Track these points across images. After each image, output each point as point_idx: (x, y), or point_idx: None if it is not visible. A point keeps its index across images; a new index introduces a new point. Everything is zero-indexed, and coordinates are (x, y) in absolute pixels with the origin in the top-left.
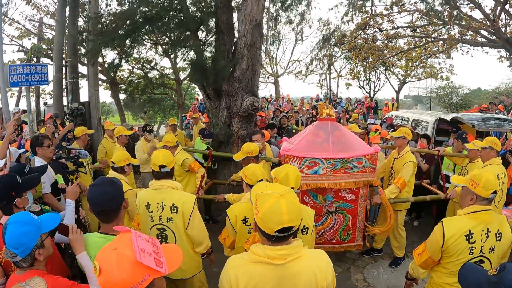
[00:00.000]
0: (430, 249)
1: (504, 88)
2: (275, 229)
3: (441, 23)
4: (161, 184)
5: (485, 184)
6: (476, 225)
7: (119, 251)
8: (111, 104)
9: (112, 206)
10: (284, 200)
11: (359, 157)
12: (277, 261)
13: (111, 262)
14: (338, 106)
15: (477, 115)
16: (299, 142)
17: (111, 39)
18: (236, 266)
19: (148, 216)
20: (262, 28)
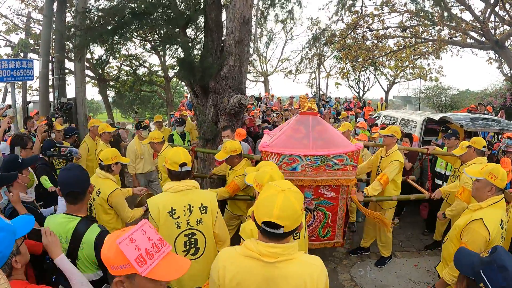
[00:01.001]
0: (476, 247)
1: (492, 89)
2: (262, 220)
3: (431, 24)
4: (186, 184)
5: (503, 177)
6: (502, 213)
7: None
8: (99, 102)
9: (79, 189)
10: (282, 196)
11: (340, 154)
12: (267, 259)
13: (111, 237)
14: (327, 106)
15: (466, 115)
16: (278, 137)
17: (98, 35)
18: (226, 257)
19: (174, 224)
20: (250, 25)
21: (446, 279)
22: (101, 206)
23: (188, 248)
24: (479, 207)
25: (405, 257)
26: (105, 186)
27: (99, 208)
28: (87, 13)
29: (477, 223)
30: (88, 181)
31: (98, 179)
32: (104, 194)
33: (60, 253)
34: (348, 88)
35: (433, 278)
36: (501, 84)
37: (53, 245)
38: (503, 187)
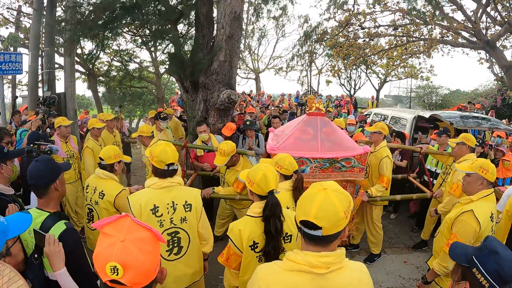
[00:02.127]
0: (466, 239)
1: (483, 90)
2: (300, 219)
3: (422, 23)
4: (170, 181)
5: (493, 170)
6: (492, 206)
7: (131, 238)
8: (90, 98)
9: (40, 182)
10: (322, 195)
11: (348, 157)
12: (318, 270)
13: (132, 252)
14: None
15: (455, 113)
16: (286, 139)
17: (88, 29)
18: (268, 275)
19: (156, 222)
20: (241, 20)
21: (436, 269)
22: (107, 210)
23: (171, 247)
24: (470, 201)
25: (395, 253)
26: (109, 187)
27: (103, 212)
28: (77, 7)
29: (467, 214)
30: (50, 176)
31: (99, 180)
32: (109, 196)
33: (62, 267)
34: (340, 86)
35: (423, 274)
36: (492, 85)
37: (56, 256)
38: (494, 181)
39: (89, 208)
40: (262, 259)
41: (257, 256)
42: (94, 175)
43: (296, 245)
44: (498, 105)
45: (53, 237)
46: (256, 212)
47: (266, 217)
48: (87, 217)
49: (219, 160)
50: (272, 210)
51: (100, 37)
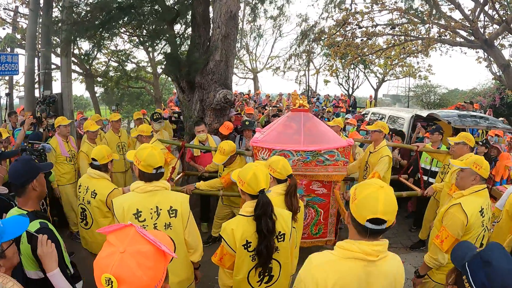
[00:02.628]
0: (454, 231)
1: (481, 88)
2: (368, 218)
3: (420, 22)
4: (154, 185)
5: (486, 167)
6: (483, 201)
7: (131, 251)
8: (88, 98)
9: (17, 182)
10: (383, 192)
11: (331, 150)
12: (371, 257)
13: (129, 266)
14: (317, 103)
15: (453, 112)
16: (269, 133)
17: (85, 30)
18: (324, 263)
19: None
20: (237, 20)
21: (427, 261)
22: (99, 209)
23: None
24: (461, 195)
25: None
26: (101, 186)
27: (96, 211)
28: (74, 8)
29: (455, 207)
30: (28, 176)
31: (91, 180)
32: (101, 195)
33: (56, 267)
34: (338, 86)
35: None
36: (490, 84)
37: (48, 257)
38: (487, 177)
39: (82, 207)
40: (255, 258)
41: (250, 255)
42: (86, 174)
43: (290, 244)
44: (497, 104)
45: (45, 238)
46: (248, 211)
47: (257, 216)
48: (80, 216)
49: (218, 159)
50: (263, 209)
51: (97, 37)
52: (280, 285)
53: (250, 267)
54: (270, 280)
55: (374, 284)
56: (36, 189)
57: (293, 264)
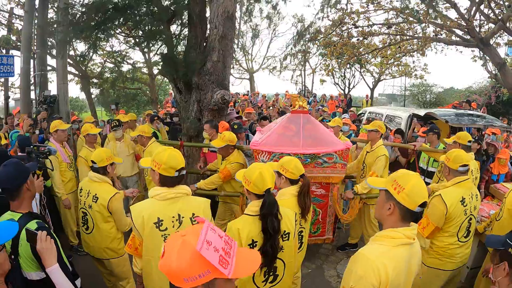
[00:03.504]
0: (435, 220)
1: (477, 87)
2: (420, 202)
3: (416, 21)
4: (176, 191)
5: (454, 159)
6: (464, 192)
7: (185, 238)
8: (84, 100)
9: (12, 185)
10: (420, 178)
11: (329, 153)
12: (411, 240)
13: (174, 247)
14: (312, 102)
15: (450, 111)
16: (269, 135)
17: (80, 31)
18: (380, 255)
19: (160, 236)
20: (234, 20)
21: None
22: (100, 213)
23: None
24: (444, 186)
25: None
26: (102, 190)
27: (97, 216)
28: (69, 9)
29: (436, 198)
30: (20, 178)
31: (92, 183)
32: (103, 200)
33: (55, 263)
34: (334, 85)
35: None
36: (486, 82)
37: (48, 252)
38: (455, 168)
39: (83, 211)
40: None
41: None
42: (87, 178)
43: (294, 244)
44: (492, 102)
45: (45, 234)
46: (253, 210)
47: (263, 215)
48: (82, 220)
49: (217, 142)
50: (269, 209)
51: (92, 38)
52: (284, 284)
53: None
54: (275, 280)
55: (413, 263)
56: (30, 189)
57: (298, 262)
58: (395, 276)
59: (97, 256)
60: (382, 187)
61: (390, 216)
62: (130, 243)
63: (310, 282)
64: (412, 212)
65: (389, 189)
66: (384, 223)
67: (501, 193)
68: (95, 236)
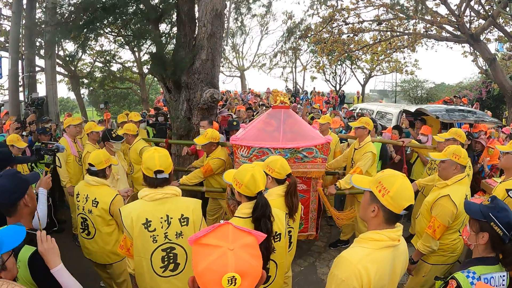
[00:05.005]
0: (444, 220)
1: (467, 82)
2: (405, 206)
3: (406, 18)
4: (164, 192)
5: (465, 155)
6: (466, 189)
7: (239, 246)
8: (75, 100)
9: (6, 200)
10: (407, 180)
11: (309, 147)
12: (396, 242)
13: (245, 259)
14: (305, 98)
15: (441, 107)
16: (248, 130)
17: (68, 31)
18: (363, 258)
19: (149, 237)
20: (223, 18)
21: (421, 249)
22: (101, 217)
23: (166, 264)
24: (445, 185)
25: None
26: (102, 194)
27: (98, 220)
28: (57, 8)
29: (444, 199)
30: (17, 193)
31: (90, 187)
32: (104, 203)
33: (59, 263)
34: (325, 82)
35: None
36: (476, 77)
37: (50, 253)
38: (466, 164)
39: (82, 217)
40: None
41: None
42: (83, 181)
43: (286, 244)
44: (483, 97)
45: (44, 234)
46: (245, 213)
47: (256, 218)
48: (81, 226)
49: (199, 140)
50: (262, 210)
51: (81, 38)
52: (277, 284)
53: None
54: (267, 281)
55: (397, 264)
56: (28, 205)
57: (288, 261)
58: (377, 279)
59: (99, 261)
60: (366, 188)
61: (374, 218)
62: (122, 244)
63: (303, 280)
64: (397, 215)
65: (373, 191)
66: (368, 224)
67: (492, 188)
68: (97, 241)
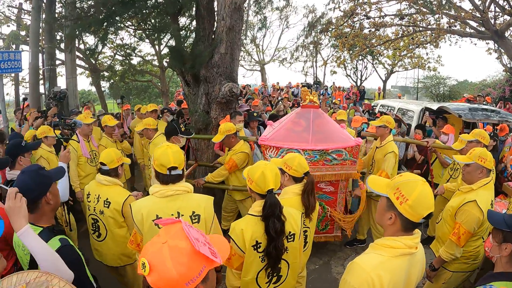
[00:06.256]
0: (470, 227)
1: (491, 80)
2: (425, 215)
3: (429, 12)
4: (175, 189)
5: (491, 159)
6: (491, 194)
7: (170, 244)
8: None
9: (27, 197)
10: (427, 186)
11: (339, 149)
12: (413, 250)
13: (163, 256)
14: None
15: (464, 105)
16: (277, 130)
17: (87, 25)
18: (377, 265)
19: None
20: (242, 12)
21: (444, 256)
22: (114, 219)
23: None
24: (470, 189)
25: None
26: (114, 194)
27: (111, 222)
28: (77, 3)
29: (471, 204)
30: (37, 190)
31: (102, 187)
32: (116, 204)
33: (24, 224)
34: (346, 77)
35: None
36: (500, 75)
37: (16, 211)
38: (492, 168)
39: (93, 218)
40: (264, 259)
41: (260, 256)
42: (94, 181)
43: (300, 245)
44: (507, 96)
45: (14, 191)
46: (257, 211)
47: (265, 217)
48: (92, 228)
49: (215, 138)
50: (270, 210)
51: (101, 32)
52: (288, 284)
53: (259, 268)
54: (278, 280)
55: (413, 273)
56: (50, 203)
57: (302, 262)
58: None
59: (110, 264)
60: (383, 193)
61: (391, 226)
62: (132, 239)
63: (317, 278)
64: (415, 223)
65: (390, 198)
66: (384, 230)
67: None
68: (108, 243)
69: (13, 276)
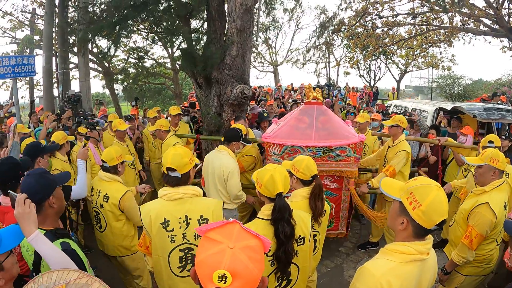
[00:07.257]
0: (483, 230)
1: (506, 79)
2: (438, 221)
3: (442, 10)
4: (183, 192)
5: (503, 159)
6: (505, 195)
7: (241, 246)
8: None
9: (31, 200)
10: (442, 192)
11: (342, 146)
12: (425, 256)
13: (242, 261)
14: (337, 93)
15: (479, 105)
16: (280, 128)
17: (99, 29)
18: (387, 271)
19: (167, 237)
20: (252, 13)
21: (456, 260)
22: (112, 212)
23: (184, 264)
24: (483, 191)
25: None
26: (113, 189)
27: (109, 215)
28: (89, 7)
29: (483, 207)
30: (44, 193)
31: (103, 183)
32: (114, 199)
33: (34, 230)
34: (359, 77)
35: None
36: None
37: (26, 217)
38: (504, 169)
39: (95, 211)
40: (274, 263)
41: (269, 260)
42: (97, 177)
43: (310, 248)
44: None
45: (23, 198)
46: (266, 214)
47: (274, 220)
48: (95, 219)
49: None
50: (280, 213)
51: (113, 35)
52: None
53: (268, 272)
54: (288, 284)
55: (424, 279)
56: (54, 206)
57: (312, 266)
58: None
59: (110, 253)
60: (396, 197)
61: (402, 231)
62: (141, 242)
63: (329, 281)
64: (427, 229)
65: (403, 202)
66: (396, 234)
67: None
68: (107, 234)
69: (53, 273)
